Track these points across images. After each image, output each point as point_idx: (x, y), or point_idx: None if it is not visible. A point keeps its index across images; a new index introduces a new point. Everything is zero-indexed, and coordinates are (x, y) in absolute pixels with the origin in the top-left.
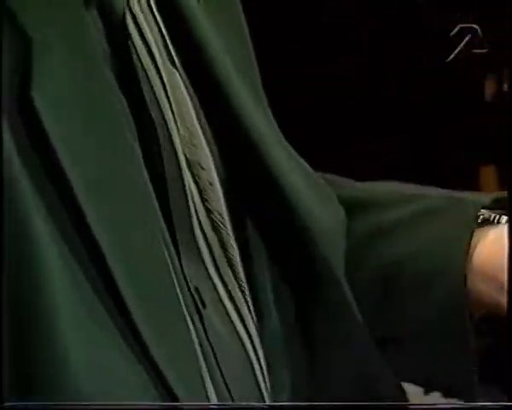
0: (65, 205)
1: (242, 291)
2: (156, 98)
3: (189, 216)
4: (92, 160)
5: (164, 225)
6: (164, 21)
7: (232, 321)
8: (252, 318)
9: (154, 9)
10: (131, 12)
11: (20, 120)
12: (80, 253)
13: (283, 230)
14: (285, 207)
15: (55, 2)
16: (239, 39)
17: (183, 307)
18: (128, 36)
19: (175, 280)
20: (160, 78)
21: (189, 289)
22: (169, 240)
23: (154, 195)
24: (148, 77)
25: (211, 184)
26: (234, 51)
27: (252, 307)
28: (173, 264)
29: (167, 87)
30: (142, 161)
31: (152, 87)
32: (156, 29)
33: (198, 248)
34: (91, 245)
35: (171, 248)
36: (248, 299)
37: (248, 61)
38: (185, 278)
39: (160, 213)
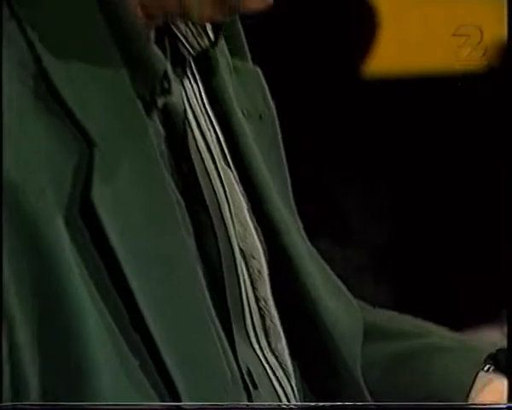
0: (124, 302)
1: (288, 377)
2: (216, 196)
3: (242, 303)
4: (147, 254)
5: (214, 311)
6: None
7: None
8: (296, 400)
9: (209, 110)
10: (192, 111)
11: (79, 217)
12: (132, 339)
13: (308, 337)
14: (313, 320)
15: (116, 108)
16: (276, 153)
17: (231, 386)
18: (189, 133)
19: (224, 362)
20: (219, 176)
21: (241, 372)
22: (219, 326)
23: (205, 284)
24: (208, 175)
25: (259, 272)
26: (271, 163)
27: (296, 392)
28: (223, 348)
29: (225, 185)
30: (195, 253)
31: (212, 185)
32: (211, 128)
33: (247, 333)
34: (143, 331)
35: (222, 333)
36: (293, 384)
37: (282, 173)
38: (237, 360)
39: (210, 300)
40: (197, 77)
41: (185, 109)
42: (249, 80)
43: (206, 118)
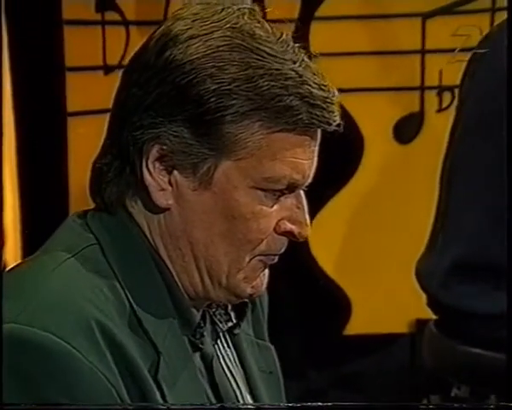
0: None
1: None
2: (236, 396)
3: None
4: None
5: None
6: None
7: None
8: None
9: (237, 361)
10: (223, 357)
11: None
12: None
13: None
14: None
15: (173, 336)
16: (278, 390)
17: None
18: (217, 368)
19: None
20: (240, 391)
21: None
22: None
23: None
24: (233, 390)
25: None
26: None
27: None
28: None
29: (243, 394)
30: None
31: (236, 394)
32: (237, 369)
33: None
34: None
35: None
36: None
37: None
38: None
39: None
40: (229, 341)
41: (217, 355)
42: (265, 351)
43: (234, 364)
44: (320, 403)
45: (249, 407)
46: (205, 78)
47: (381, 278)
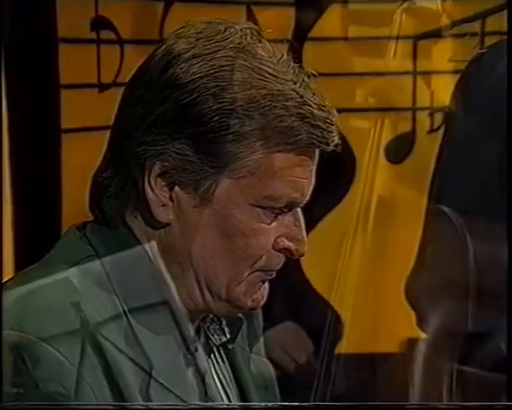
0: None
1: None
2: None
3: None
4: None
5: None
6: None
7: None
8: None
9: (230, 375)
10: (216, 369)
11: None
12: None
13: None
14: None
15: (168, 352)
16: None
17: None
18: (211, 379)
19: None
20: (228, 398)
21: None
22: None
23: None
24: (222, 397)
25: None
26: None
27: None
28: None
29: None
30: None
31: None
32: (231, 383)
33: None
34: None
35: None
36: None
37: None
38: None
39: None
40: (223, 357)
41: (211, 371)
42: (261, 366)
43: (229, 380)
44: (306, 403)
45: (235, 406)
46: (208, 97)
47: (373, 298)
